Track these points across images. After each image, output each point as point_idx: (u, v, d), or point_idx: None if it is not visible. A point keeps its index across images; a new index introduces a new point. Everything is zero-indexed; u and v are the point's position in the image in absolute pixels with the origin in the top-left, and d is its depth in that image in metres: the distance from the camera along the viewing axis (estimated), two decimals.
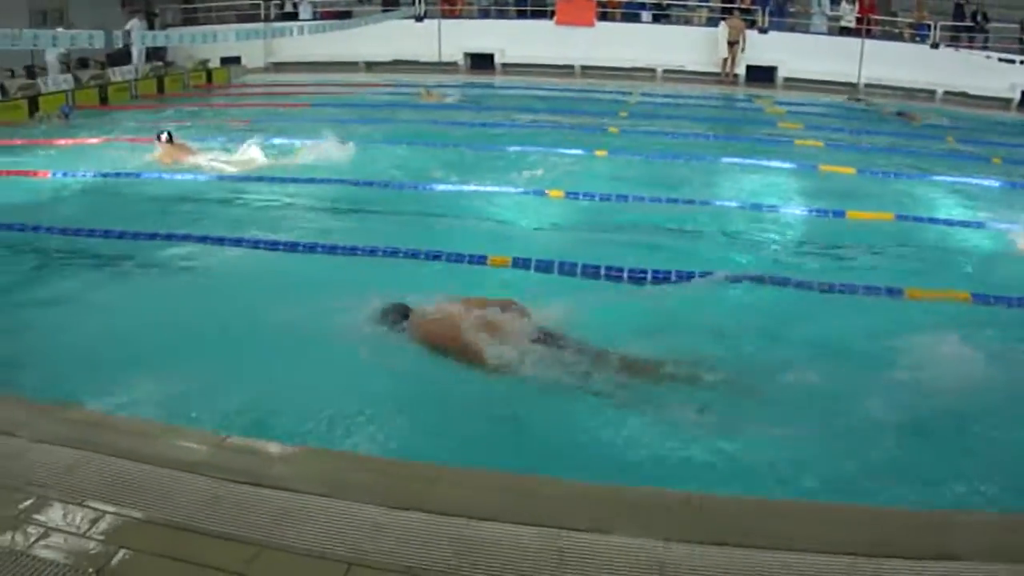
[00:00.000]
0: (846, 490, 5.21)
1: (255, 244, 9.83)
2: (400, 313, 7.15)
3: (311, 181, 12.89)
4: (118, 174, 13.81)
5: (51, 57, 24.71)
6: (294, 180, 12.95)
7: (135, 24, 26.04)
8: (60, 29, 21.09)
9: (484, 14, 31.60)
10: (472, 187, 12.46)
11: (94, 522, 4.32)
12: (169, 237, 10.01)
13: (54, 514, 4.40)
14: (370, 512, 4.33)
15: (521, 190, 12.14)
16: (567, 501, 4.46)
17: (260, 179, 13.17)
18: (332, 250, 9.55)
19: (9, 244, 10.29)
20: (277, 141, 16.04)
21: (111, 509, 4.40)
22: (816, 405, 6.16)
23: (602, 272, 8.62)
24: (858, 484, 5.30)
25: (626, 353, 6.61)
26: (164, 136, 15.27)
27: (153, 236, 10.14)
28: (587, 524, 4.24)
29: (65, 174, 13.87)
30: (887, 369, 6.65)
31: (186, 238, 9.94)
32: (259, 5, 31.89)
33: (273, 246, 9.70)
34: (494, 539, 4.13)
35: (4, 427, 5.24)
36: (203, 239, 9.94)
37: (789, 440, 5.63)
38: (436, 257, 9.03)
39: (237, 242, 9.88)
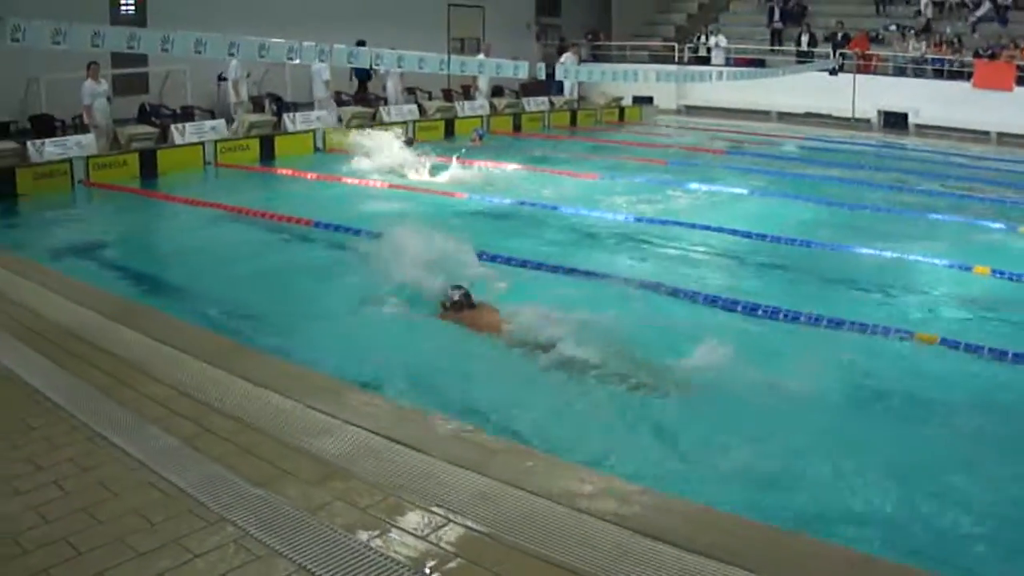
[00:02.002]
0: None
1: (643, 285, 9.58)
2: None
3: (718, 230, 12.58)
4: (534, 204, 14.09)
5: (483, 84, 25.97)
6: (703, 227, 12.65)
7: (568, 58, 26.94)
8: (481, 56, 22.11)
9: (900, 71, 30.22)
10: (888, 253, 11.65)
11: (506, 558, 4.18)
12: (572, 271, 9.97)
13: (467, 544, 4.31)
14: None
15: (943, 262, 11.23)
16: None
17: (664, 222, 12.95)
18: (731, 305, 9.15)
19: None
20: (693, 185, 15.81)
21: (523, 546, 4.26)
22: None
23: None
24: None
25: None
26: None
27: (557, 268, 10.18)
28: None
29: (482, 198, 14.28)
30: None
31: (571, 270, 10.00)
32: (672, 47, 32.03)
33: (654, 288, 9.51)
34: None
35: (415, 443, 5.30)
36: (589, 274, 9.95)
37: None
38: (862, 328, 8.34)
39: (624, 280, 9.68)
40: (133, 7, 22.85)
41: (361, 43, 20.03)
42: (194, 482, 4.79)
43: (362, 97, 24.93)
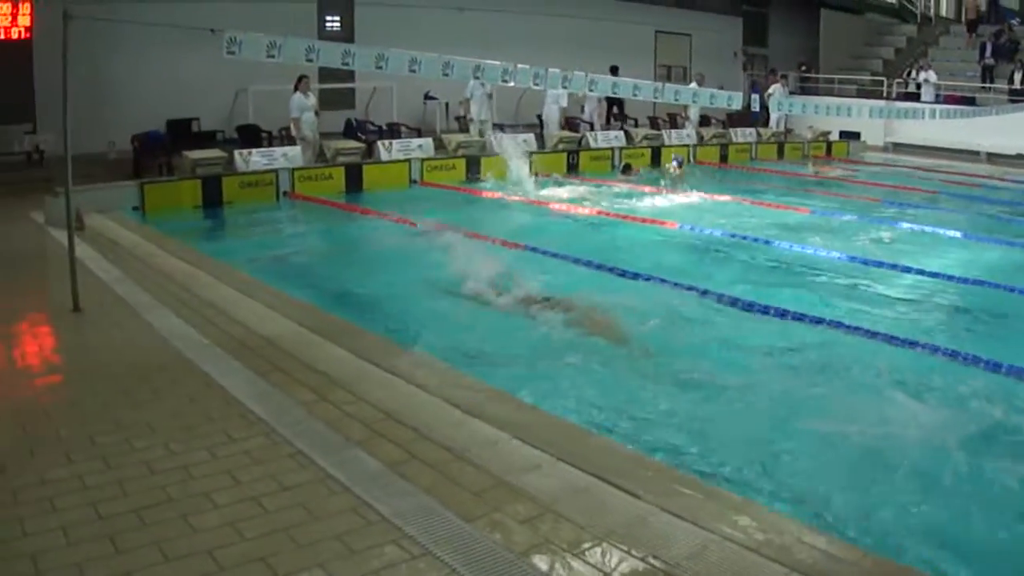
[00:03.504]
0: None
1: (838, 325, 9.33)
2: None
3: (930, 274, 11.95)
4: (745, 236, 13.76)
5: (694, 113, 26.28)
6: (917, 271, 12.02)
7: (777, 89, 26.57)
8: (694, 85, 21.93)
9: None
10: None
11: None
12: (783, 313, 9.71)
13: None
14: None
15: None
16: None
17: (880, 264, 12.45)
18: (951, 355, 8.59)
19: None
20: (905, 226, 15.14)
21: None
22: None
23: None
24: None
25: None
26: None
27: (767, 309, 9.89)
28: None
29: (692, 228, 14.13)
30: None
31: (783, 312, 9.73)
32: (881, 82, 31.22)
33: (853, 330, 9.12)
34: None
35: (627, 486, 5.03)
36: (800, 316, 9.61)
37: None
38: None
39: (800, 317, 9.59)
40: (339, 23, 23.65)
41: (614, 69, 20.25)
42: (399, 511, 4.68)
43: (571, 121, 25.03)
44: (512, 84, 14.16)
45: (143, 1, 16.48)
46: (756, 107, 21.85)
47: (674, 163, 21.92)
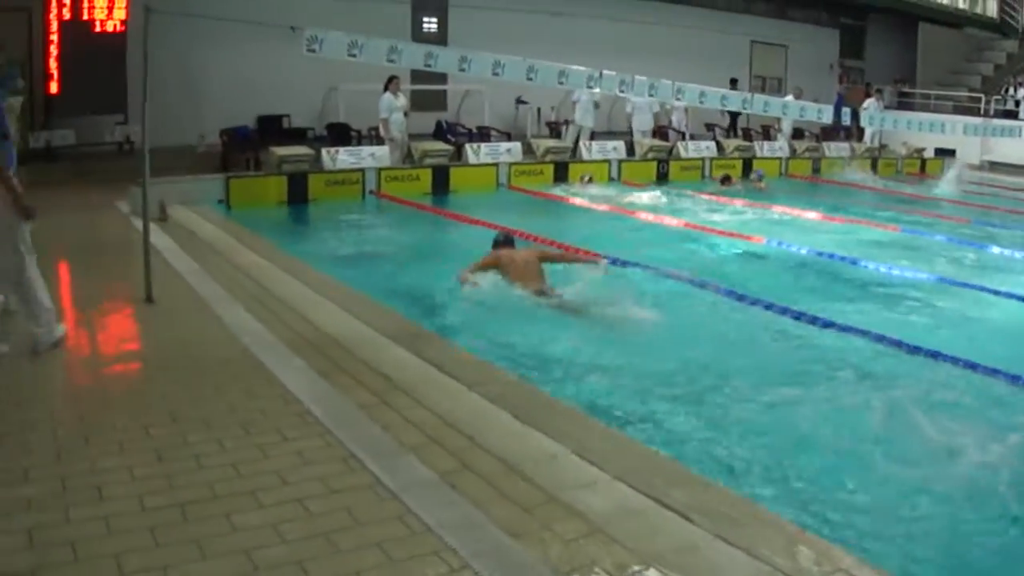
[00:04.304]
0: None
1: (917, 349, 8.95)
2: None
3: (1013, 296, 11.47)
4: (831, 255, 13.48)
5: (787, 126, 26.00)
6: (1006, 294, 11.58)
7: (871, 104, 26.15)
8: (790, 98, 21.70)
9: None
10: None
11: None
12: (864, 332, 9.37)
13: None
14: None
15: None
16: None
17: (966, 285, 12.01)
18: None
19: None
20: (995, 249, 14.71)
21: None
22: None
23: None
24: None
25: None
26: None
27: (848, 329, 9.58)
28: None
29: (780, 244, 14.00)
30: None
31: (863, 332, 9.38)
32: (979, 99, 30.71)
33: (932, 355, 8.76)
34: None
35: (683, 509, 4.85)
36: (881, 338, 9.22)
37: None
38: None
39: (880, 338, 9.20)
40: (435, 24, 23.83)
41: (734, 82, 20.71)
42: (445, 522, 4.58)
43: (661, 130, 24.83)
44: (598, 91, 14.06)
45: None
46: (847, 120, 21.47)
47: (755, 176, 21.75)
